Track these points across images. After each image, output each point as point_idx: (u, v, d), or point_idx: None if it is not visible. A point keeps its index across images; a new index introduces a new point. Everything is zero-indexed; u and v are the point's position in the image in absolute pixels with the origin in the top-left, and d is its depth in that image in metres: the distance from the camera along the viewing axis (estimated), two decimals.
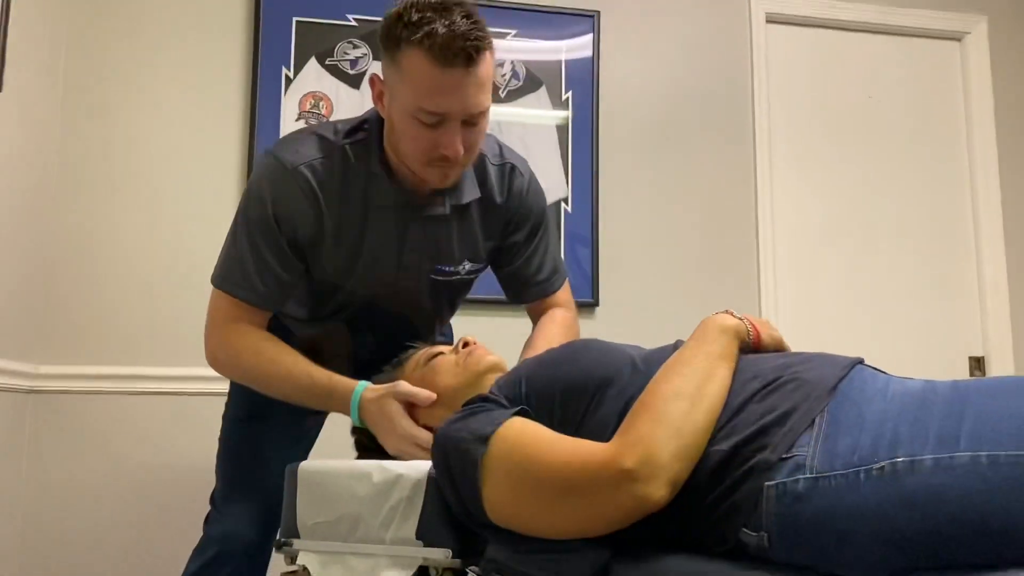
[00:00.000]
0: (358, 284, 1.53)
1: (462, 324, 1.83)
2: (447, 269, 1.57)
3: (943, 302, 3.11)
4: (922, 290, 3.10)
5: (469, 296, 1.73)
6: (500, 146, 1.60)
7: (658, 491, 0.91)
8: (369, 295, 1.55)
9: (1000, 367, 3.06)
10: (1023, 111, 3.22)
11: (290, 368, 1.43)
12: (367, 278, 1.53)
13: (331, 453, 1.50)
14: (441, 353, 1.39)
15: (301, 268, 1.49)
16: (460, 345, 1.39)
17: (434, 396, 1.32)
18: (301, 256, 1.48)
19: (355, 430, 1.44)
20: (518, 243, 1.64)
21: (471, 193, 1.53)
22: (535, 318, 1.71)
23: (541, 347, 1.49)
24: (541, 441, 1.02)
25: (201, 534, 1.63)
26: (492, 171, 1.57)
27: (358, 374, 1.45)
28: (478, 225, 1.57)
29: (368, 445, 1.40)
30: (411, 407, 1.34)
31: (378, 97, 1.43)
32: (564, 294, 1.73)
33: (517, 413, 1.08)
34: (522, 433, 1.04)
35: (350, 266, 1.51)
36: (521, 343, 1.63)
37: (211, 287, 1.49)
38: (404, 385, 1.34)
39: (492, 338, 1.79)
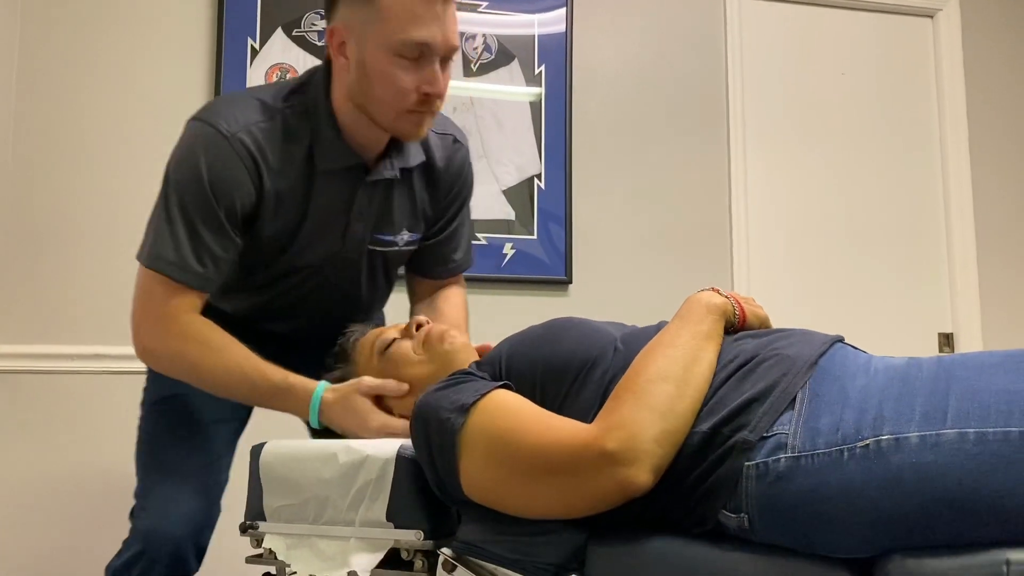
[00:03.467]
0: (298, 255, 1.45)
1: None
2: (386, 238, 1.51)
3: (913, 279, 3.13)
4: (892, 267, 3.11)
5: None
6: (441, 116, 1.53)
7: (641, 475, 0.89)
8: (308, 266, 1.47)
9: (968, 344, 3.08)
10: (994, 87, 3.23)
11: (241, 363, 1.32)
12: (310, 248, 1.45)
13: (271, 430, 1.40)
14: (395, 339, 1.32)
15: (239, 243, 1.39)
16: (413, 327, 1.32)
17: (405, 386, 1.27)
18: (239, 229, 1.38)
19: (314, 432, 1.34)
20: (446, 218, 1.60)
21: (416, 156, 1.49)
22: (425, 293, 1.64)
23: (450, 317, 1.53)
24: (523, 415, 0.99)
25: None
26: (433, 139, 1.52)
27: (288, 354, 1.37)
28: (421, 192, 1.53)
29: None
30: (379, 399, 1.29)
31: (339, 48, 1.35)
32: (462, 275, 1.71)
33: (502, 387, 1.05)
34: (504, 405, 1.01)
35: (292, 236, 1.43)
36: (489, 326, 1.59)
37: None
38: (369, 380, 1.28)
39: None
